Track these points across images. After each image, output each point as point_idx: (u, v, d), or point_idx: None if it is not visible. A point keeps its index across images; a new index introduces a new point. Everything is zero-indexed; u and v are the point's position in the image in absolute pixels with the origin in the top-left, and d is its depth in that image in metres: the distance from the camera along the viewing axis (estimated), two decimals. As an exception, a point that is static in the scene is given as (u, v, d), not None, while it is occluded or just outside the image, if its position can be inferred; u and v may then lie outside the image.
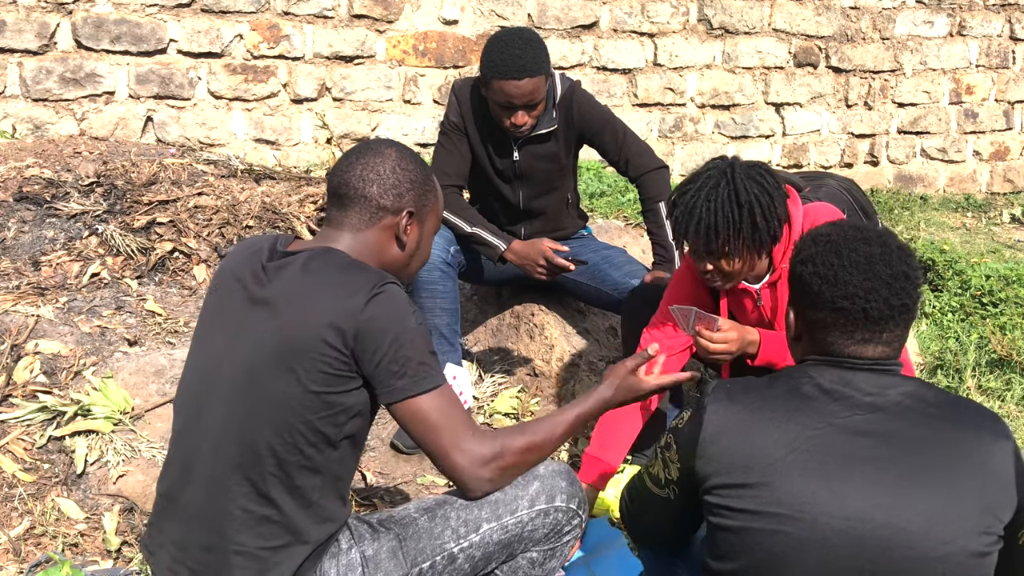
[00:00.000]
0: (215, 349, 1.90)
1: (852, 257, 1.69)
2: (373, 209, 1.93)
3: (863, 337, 1.68)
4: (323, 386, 1.79)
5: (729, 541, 1.64)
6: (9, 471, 2.64)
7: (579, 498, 2.01)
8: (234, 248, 2.04)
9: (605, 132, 3.24)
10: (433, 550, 1.90)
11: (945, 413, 1.66)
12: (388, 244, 1.96)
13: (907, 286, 1.68)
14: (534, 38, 3.04)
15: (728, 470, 1.65)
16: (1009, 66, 7.35)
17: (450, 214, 3.17)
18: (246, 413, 1.81)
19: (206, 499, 1.84)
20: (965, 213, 6.99)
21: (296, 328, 1.79)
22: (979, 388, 3.82)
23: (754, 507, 1.62)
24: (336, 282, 1.82)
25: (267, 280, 1.87)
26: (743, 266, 2.47)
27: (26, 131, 5.04)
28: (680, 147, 6.51)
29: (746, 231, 2.39)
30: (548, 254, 3.08)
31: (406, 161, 1.97)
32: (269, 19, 5.45)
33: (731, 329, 2.52)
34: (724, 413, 1.69)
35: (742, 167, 2.41)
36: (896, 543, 1.56)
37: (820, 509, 1.58)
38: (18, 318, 3.06)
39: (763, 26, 6.61)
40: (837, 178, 2.99)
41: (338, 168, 1.97)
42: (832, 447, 1.62)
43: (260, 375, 1.81)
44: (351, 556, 1.87)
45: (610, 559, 2.53)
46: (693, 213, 2.41)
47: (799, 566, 1.59)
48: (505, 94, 2.98)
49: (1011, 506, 1.62)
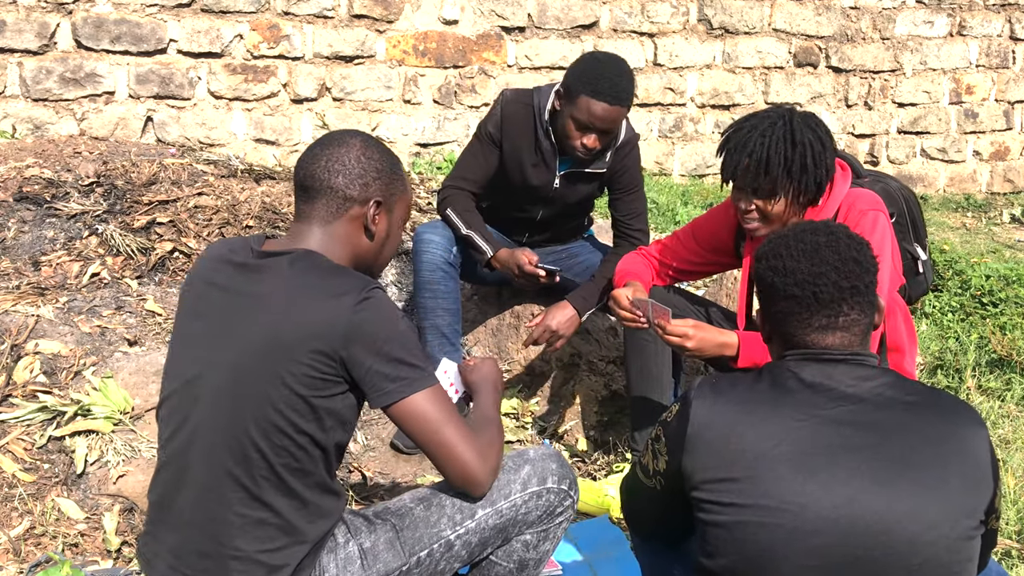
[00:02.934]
0: (197, 356, 1.87)
1: (799, 247, 1.75)
2: (340, 200, 1.91)
3: (820, 323, 1.72)
4: (310, 390, 1.78)
5: (719, 536, 1.66)
6: (9, 471, 2.64)
7: (570, 479, 2.03)
8: (202, 256, 2.00)
9: (631, 194, 3.27)
10: (430, 538, 1.92)
11: (923, 401, 1.69)
12: (357, 235, 1.94)
13: (856, 269, 1.73)
14: (629, 70, 3.05)
15: (715, 465, 1.67)
16: (1009, 66, 7.35)
17: (452, 213, 3.18)
18: (234, 416, 1.80)
19: (200, 505, 1.83)
20: (965, 213, 6.99)
21: (283, 332, 1.78)
22: (979, 388, 3.82)
23: (742, 501, 1.63)
24: (322, 287, 1.82)
25: (249, 283, 1.86)
26: (784, 211, 2.52)
27: (26, 131, 5.04)
28: (680, 147, 6.51)
29: (795, 171, 2.46)
30: (522, 263, 3.10)
31: (371, 150, 1.95)
32: (269, 19, 5.45)
33: (693, 326, 2.55)
34: (710, 408, 1.71)
35: (800, 114, 2.51)
36: (884, 529, 1.58)
37: (808, 500, 1.60)
38: (18, 318, 3.05)
39: (763, 26, 6.61)
40: (898, 183, 2.95)
41: (303, 160, 1.95)
42: (817, 438, 1.64)
43: (246, 379, 1.79)
44: (349, 550, 1.88)
45: (612, 560, 2.54)
46: (747, 146, 2.48)
47: (789, 557, 1.60)
48: (590, 114, 2.96)
49: (988, 490, 1.65)
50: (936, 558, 1.59)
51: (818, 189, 2.51)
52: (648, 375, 2.96)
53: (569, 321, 3.16)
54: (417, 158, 5.81)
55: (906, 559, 1.58)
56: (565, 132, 3.05)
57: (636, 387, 2.98)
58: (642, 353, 2.95)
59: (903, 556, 1.58)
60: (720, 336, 2.56)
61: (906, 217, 2.84)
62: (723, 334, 2.57)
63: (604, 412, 3.47)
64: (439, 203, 3.26)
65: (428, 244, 3.16)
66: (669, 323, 2.55)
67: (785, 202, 2.50)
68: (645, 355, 2.95)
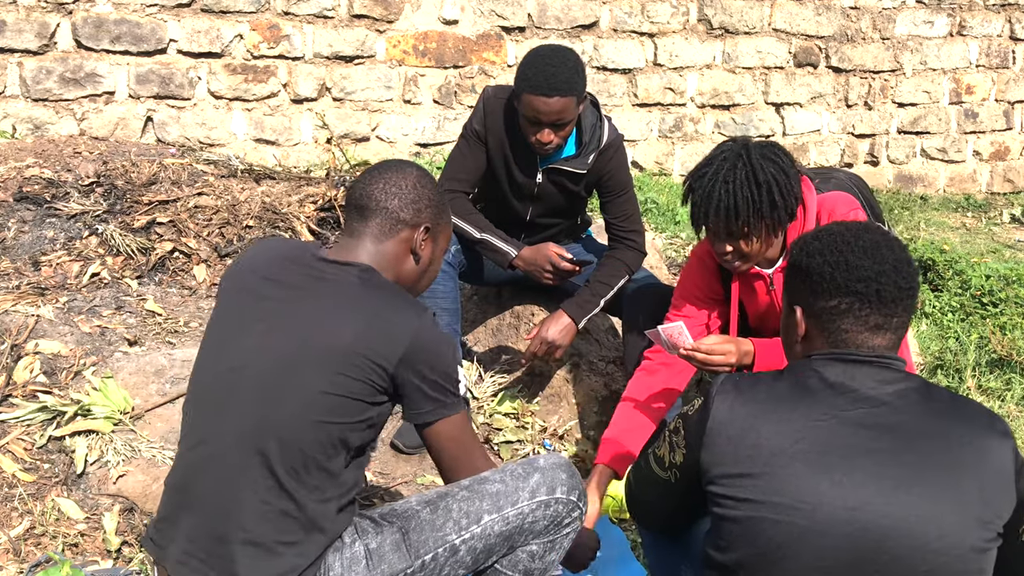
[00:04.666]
0: (243, 345, 1.92)
1: (859, 244, 1.74)
2: (393, 221, 2.01)
3: (876, 323, 1.71)
4: (357, 395, 1.85)
5: (732, 531, 1.66)
6: (9, 471, 2.64)
7: (579, 490, 2.04)
8: (254, 250, 2.09)
9: (620, 196, 3.24)
10: (435, 542, 1.93)
11: (946, 409, 1.68)
12: (404, 257, 2.04)
13: (910, 271, 1.74)
14: (571, 58, 3.00)
15: (732, 460, 1.67)
16: (1009, 66, 7.35)
17: (459, 219, 3.16)
18: (277, 407, 1.85)
19: (226, 489, 1.86)
20: (965, 213, 6.99)
21: (344, 338, 1.86)
22: (979, 388, 3.83)
23: (757, 496, 1.63)
24: (389, 305, 1.92)
25: (316, 285, 1.93)
26: (761, 246, 2.53)
27: (26, 131, 5.04)
28: (680, 147, 6.51)
29: (765, 210, 2.45)
30: (554, 259, 3.10)
31: (425, 180, 2.06)
32: (269, 19, 5.45)
33: (724, 341, 2.55)
34: (731, 404, 1.72)
35: (756, 147, 2.49)
36: (895, 534, 1.58)
37: (821, 499, 1.60)
38: (18, 318, 3.06)
39: (763, 26, 6.61)
40: (844, 172, 2.98)
41: (361, 181, 2.05)
42: (835, 439, 1.64)
43: (298, 373, 1.85)
44: (355, 549, 1.91)
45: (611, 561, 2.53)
46: (712, 196, 2.46)
47: (800, 555, 1.61)
48: (533, 109, 2.95)
49: (1010, 503, 1.63)
50: (945, 567, 1.58)
51: (790, 216, 2.52)
52: (648, 375, 2.95)
53: (566, 330, 3.15)
54: (417, 158, 5.81)
55: (914, 565, 1.57)
56: (522, 131, 3.07)
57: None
58: (642, 353, 2.95)
59: (911, 562, 1.57)
60: (743, 345, 2.57)
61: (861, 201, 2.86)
62: (744, 343, 2.58)
63: (604, 412, 3.47)
64: None
65: (427, 244, 3.15)
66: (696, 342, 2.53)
67: (760, 237, 2.51)
68: (645, 355, 2.94)
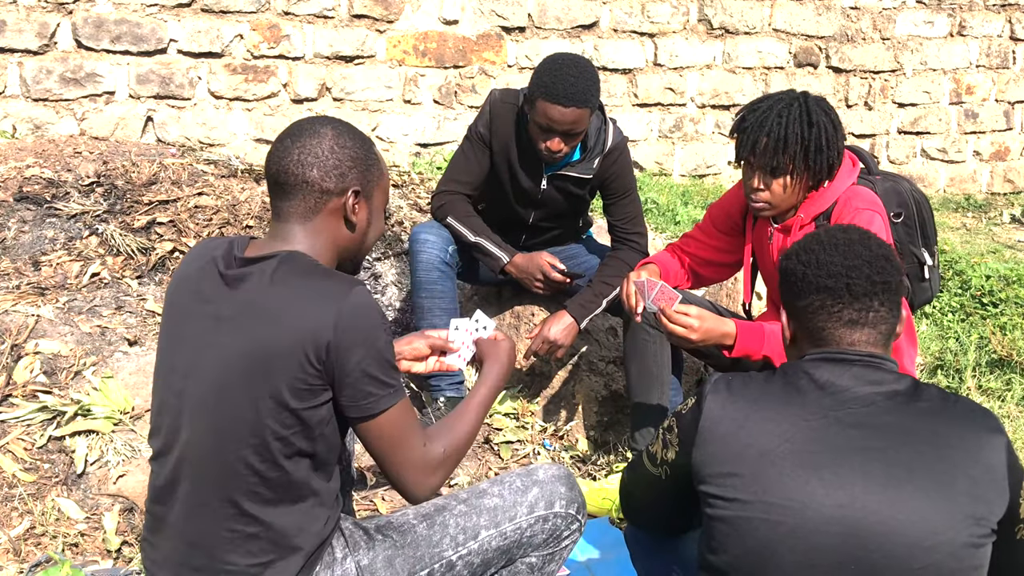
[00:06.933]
0: (183, 366, 1.81)
1: (832, 242, 1.77)
2: (317, 194, 1.83)
3: (850, 317, 1.73)
4: (297, 401, 1.73)
5: (723, 532, 1.66)
6: (9, 471, 2.64)
7: (578, 503, 2.01)
8: (187, 256, 1.92)
9: (624, 199, 3.25)
10: (431, 558, 1.89)
11: (937, 407, 1.68)
12: (338, 228, 1.87)
13: (887, 267, 1.75)
14: (590, 70, 3.00)
15: (722, 459, 1.68)
16: (1009, 66, 7.35)
17: (455, 221, 3.16)
18: (220, 432, 1.75)
19: (192, 520, 1.79)
20: (965, 213, 6.99)
21: (267, 343, 1.72)
22: (979, 388, 3.82)
23: (745, 496, 1.64)
24: (305, 294, 1.75)
25: (230, 293, 1.79)
26: (793, 191, 2.57)
27: (26, 131, 5.04)
28: (680, 147, 6.51)
29: (812, 152, 2.51)
30: (546, 268, 3.10)
31: (344, 138, 1.86)
32: (269, 19, 5.45)
33: (697, 316, 2.54)
34: (723, 404, 1.73)
35: (813, 97, 2.59)
36: (886, 533, 1.58)
37: (811, 498, 1.60)
38: (18, 318, 3.06)
39: (763, 26, 6.61)
40: (911, 184, 2.82)
41: (274, 154, 1.86)
42: (825, 438, 1.64)
43: (231, 396, 1.74)
44: (346, 566, 1.84)
45: (611, 562, 2.54)
46: (764, 125, 2.53)
47: (790, 555, 1.61)
48: (548, 117, 2.94)
49: (1003, 500, 1.63)
50: (938, 564, 1.57)
51: (829, 171, 2.57)
52: (648, 375, 2.96)
53: (567, 330, 3.15)
54: (417, 158, 5.81)
55: (906, 563, 1.57)
56: (531, 136, 3.05)
57: (636, 387, 2.98)
58: (642, 353, 2.95)
59: (903, 560, 1.57)
60: (722, 326, 2.58)
61: (915, 220, 2.76)
62: (724, 323, 2.60)
63: (604, 412, 3.48)
64: (435, 209, 3.23)
65: (424, 244, 3.15)
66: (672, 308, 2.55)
67: (796, 181, 2.55)
68: (645, 355, 2.95)
